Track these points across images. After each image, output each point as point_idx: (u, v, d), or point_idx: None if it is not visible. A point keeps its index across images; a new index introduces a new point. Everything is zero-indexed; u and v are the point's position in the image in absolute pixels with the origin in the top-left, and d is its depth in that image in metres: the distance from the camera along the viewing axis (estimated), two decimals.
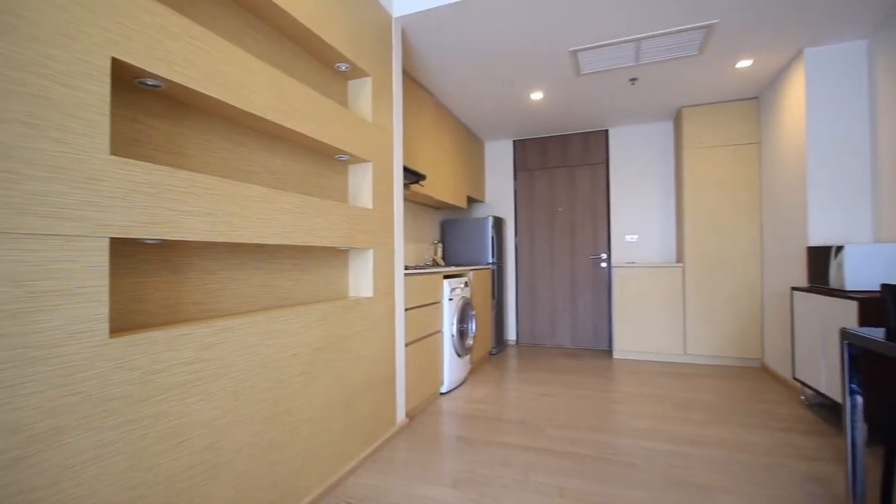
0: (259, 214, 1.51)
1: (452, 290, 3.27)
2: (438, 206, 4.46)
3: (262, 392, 1.53)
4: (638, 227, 4.60)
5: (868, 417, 2.22)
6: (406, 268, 2.96)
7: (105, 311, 1.05)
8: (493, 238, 4.47)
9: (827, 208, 2.88)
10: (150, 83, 1.25)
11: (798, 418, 2.62)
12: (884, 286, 1.65)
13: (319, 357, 1.83)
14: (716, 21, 2.58)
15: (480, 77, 3.36)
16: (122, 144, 1.27)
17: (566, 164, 4.89)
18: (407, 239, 3.92)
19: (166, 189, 1.20)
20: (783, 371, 3.33)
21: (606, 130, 4.74)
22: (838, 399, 2.38)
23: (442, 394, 3.17)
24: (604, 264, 4.74)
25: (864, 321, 2.18)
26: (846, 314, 2.28)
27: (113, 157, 1.08)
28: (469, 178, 4.64)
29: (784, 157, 3.29)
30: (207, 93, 1.33)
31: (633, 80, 3.42)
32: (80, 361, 1.01)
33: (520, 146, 5.10)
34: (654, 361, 4.11)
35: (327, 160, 2.14)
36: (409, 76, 3.28)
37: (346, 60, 2.11)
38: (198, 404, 1.29)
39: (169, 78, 1.22)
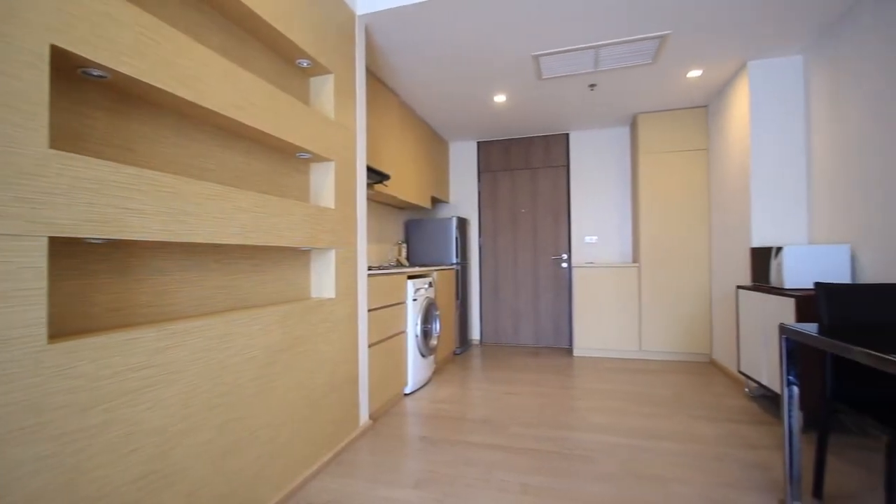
0: (215, 213, 1.46)
1: (416, 290, 3.26)
2: (403, 207, 4.45)
3: (218, 397, 1.48)
4: (597, 228, 4.75)
5: (803, 406, 2.38)
6: (369, 268, 2.94)
7: (44, 315, 0.99)
8: (457, 238, 4.50)
9: (768, 212, 3.07)
10: (95, 73, 1.18)
11: (743, 409, 2.79)
12: (817, 284, 1.78)
13: (279, 360, 1.78)
14: (668, 32, 2.70)
15: (445, 78, 3.37)
16: (66, 138, 1.19)
17: (529, 167, 4.99)
18: (370, 239, 3.88)
19: (112, 185, 1.14)
20: (729, 365, 3.53)
21: (567, 134, 4.87)
22: (778, 390, 2.54)
23: (406, 394, 3.16)
24: (564, 264, 4.87)
25: (800, 317, 2.35)
26: (785, 311, 2.45)
27: (52, 151, 1.02)
28: (433, 178, 4.64)
29: (730, 163, 3.48)
30: (158, 85, 1.27)
31: (592, 86, 3.53)
32: (16, 369, 0.94)
33: (484, 147, 5.16)
34: (612, 358, 4.25)
35: (288, 158, 2.09)
36: (373, 75, 3.25)
37: (307, 57, 2.07)
38: (149, 412, 1.23)
39: (115, 68, 1.16)
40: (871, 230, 2.34)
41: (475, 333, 5.13)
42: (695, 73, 3.32)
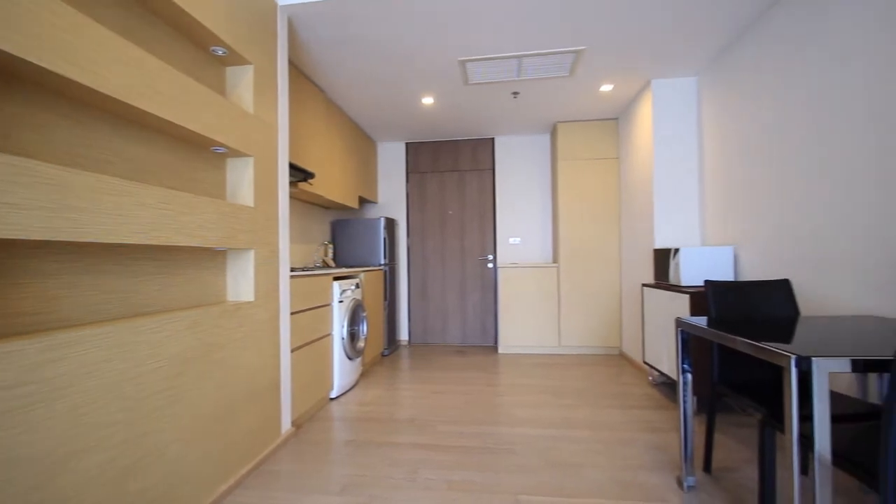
0: (112, 210, 1.32)
1: (343, 291, 3.19)
2: (329, 206, 4.33)
3: (118, 412, 1.34)
4: (521, 230, 4.96)
5: (696, 391, 2.67)
6: (293, 269, 2.82)
7: None
8: (385, 239, 4.47)
9: (668, 217, 3.40)
10: None
11: (647, 396, 3.05)
12: (706, 282, 2.00)
13: (191, 369, 1.66)
14: (583, 48, 2.89)
15: (373, 77, 3.34)
16: None
17: (457, 169, 5.08)
18: (294, 239, 3.73)
19: None
20: (636, 356, 3.85)
21: (493, 139, 5.03)
22: (675, 378, 2.82)
23: (332, 399, 3.08)
24: (490, 265, 5.02)
25: (694, 311, 2.62)
26: (681, 306, 2.72)
27: None
28: (361, 178, 4.57)
29: (636, 171, 3.81)
30: (40, 63, 1.13)
31: (516, 93, 3.69)
32: None
33: (412, 149, 5.17)
34: (534, 354, 4.46)
35: (202, 152, 1.95)
36: (297, 70, 3.13)
37: (222, 44, 1.94)
38: (25, 436, 1.09)
39: None
40: (750, 234, 2.68)
41: (403, 334, 5.13)
42: (607, 88, 3.58)
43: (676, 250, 2.93)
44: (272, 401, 2.23)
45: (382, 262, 4.44)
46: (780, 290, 2.03)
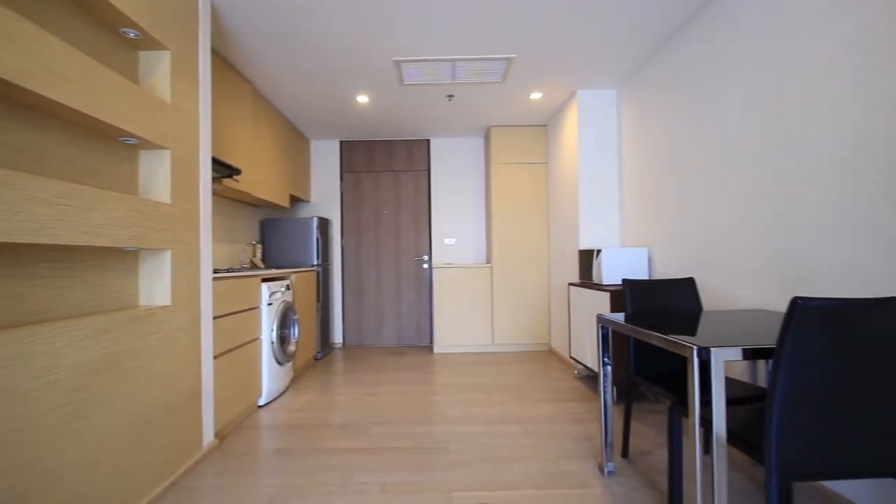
0: None
1: (272, 293, 3.06)
2: (258, 204, 4.12)
3: (5, 434, 1.19)
4: (455, 230, 5.04)
5: (615, 382, 2.86)
6: (216, 271, 2.66)
7: None
8: (318, 239, 4.34)
9: (592, 219, 3.62)
10: None
11: (573, 389, 3.23)
12: (624, 281, 2.16)
13: (95, 381, 1.51)
14: (514, 56, 3.00)
15: (305, 73, 3.23)
16: None
17: (392, 169, 5.05)
18: (219, 239, 3.51)
19: None
20: (563, 352, 4.06)
21: (428, 140, 5.06)
22: (598, 370, 3.01)
23: (260, 406, 2.93)
24: (425, 265, 5.05)
25: (614, 308, 2.81)
26: (603, 303, 2.91)
27: None
28: (293, 175, 4.40)
29: (563, 176, 4.01)
30: None
31: (450, 96, 3.74)
32: None
33: (347, 147, 5.06)
34: (468, 353, 4.54)
35: (109, 143, 1.78)
36: (223, 60, 2.95)
37: (134, 26, 1.79)
38: None
39: None
40: (661, 236, 2.93)
41: (338, 336, 5.01)
42: (536, 95, 3.74)
43: (599, 251, 3.12)
44: (192, 411, 2.09)
45: (315, 262, 4.31)
46: (686, 288, 2.24)
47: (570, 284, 3.52)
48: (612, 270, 3.05)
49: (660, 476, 1.96)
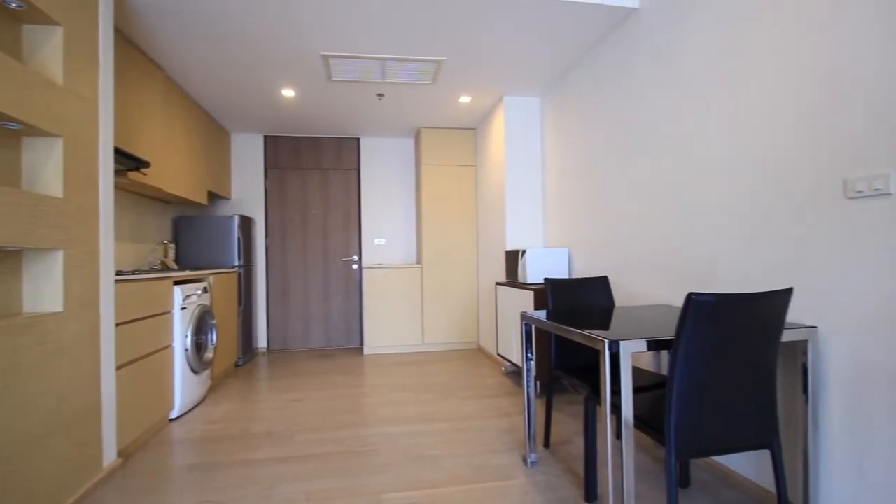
0: None
1: (186, 297, 2.84)
2: (170, 201, 3.81)
3: None
4: (386, 231, 5.00)
5: (539, 376, 3.01)
6: (120, 273, 2.42)
7: None
8: (239, 239, 4.10)
9: (517, 221, 3.77)
10: None
11: (500, 385, 3.34)
12: (546, 280, 2.27)
13: None
14: (443, 59, 3.04)
15: (224, 61, 3.04)
16: None
17: (320, 167, 4.91)
18: (124, 238, 3.19)
19: None
20: (491, 349, 4.18)
21: (358, 139, 4.98)
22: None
23: (173, 419, 2.72)
24: (355, 266, 4.96)
25: (538, 305, 2.95)
26: (527, 301, 3.04)
27: None
28: (210, 170, 4.12)
29: (491, 179, 4.14)
30: None
31: (381, 95, 3.71)
32: None
33: (272, 143, 4.84)
34: (399, 353, 4.53)
35: None
36: (130, 42, 2.69)
37: None
38: None
39: None
40: (580, 237, 3.12)
41: (261, 341, 4.77)
42: (465, 99, 3.83)
43: (524, 252, 3.26)
44: (90, 429, 1.89)
45: (236, 263, 4.07)
46: (601, 286, 2.40)
47: (498, 284, 3.64)
48: (536, 270, 3.20)
49: (578, 462, 2.09)
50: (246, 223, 4.34)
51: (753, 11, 1.75)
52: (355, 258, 4.96)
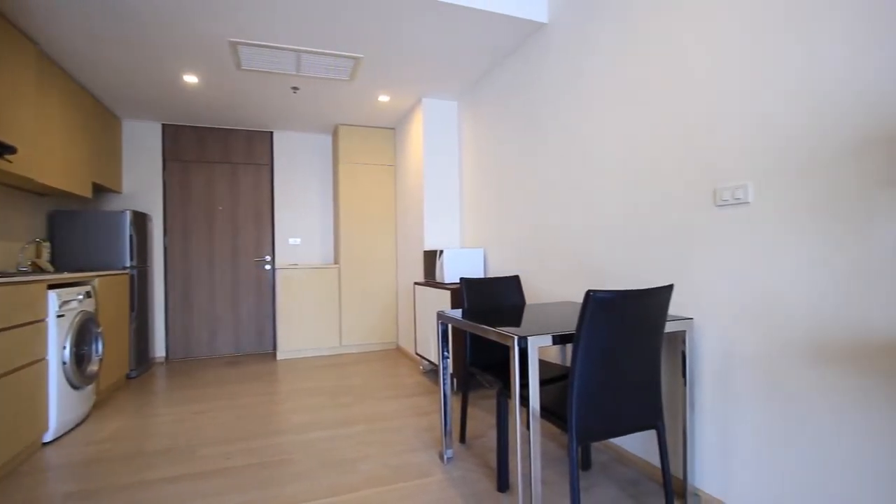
0: None
1: (64, 303, 2.51)
2: (44, 193, 3.33)
3: None
4: (301, 230, 4.81)
5: (455, 374, 3.08)
6: None
7: None
8: (132, 237, 3.70)
9: (435, 221, 3.82)
10: None
11: (418, 384, 3.37)
12: (461, 279, 2.34)
13: None
14: (361, 56, 3.00)
15: (113, 39, 2.72)
16: None
17: (228, 161, 4.59)
18: None
19: None
20: (410, 349, 4.20)
21: (272, 132, 4.73)
22: None
23: (48, 443, 2.38)
24: (268, 266, 4.71)
25: (454, 304, 3.02)
26: (444, 300, 3.10)
27: None
28: (96, 160, 3.67)
29: (409, 179, 4.16)
30: None
31: (296, 88, 3.56)
32: None
33: (172, 132, 4.42)
34: (315, 356, 4.39)
35: None
36: None
37: None
38: None
39: None
40: (494, 237, 3.25)
41: (159, 350, 4.35)
42: (384, 98, 3.80)
43: (441, 252, 3.32)
44: None
45: (128, 264, 3.67)
46: (513, 284, 2.53)
47: (416, 284, 3.67)
48: (453, 270, 3.27)
49: (493, 455, 2.18)
50: (140, 220, 3.93)
51: (643, 39, 1.94)
52: (268, 258, 4.71)
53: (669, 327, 1.67)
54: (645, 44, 1.94)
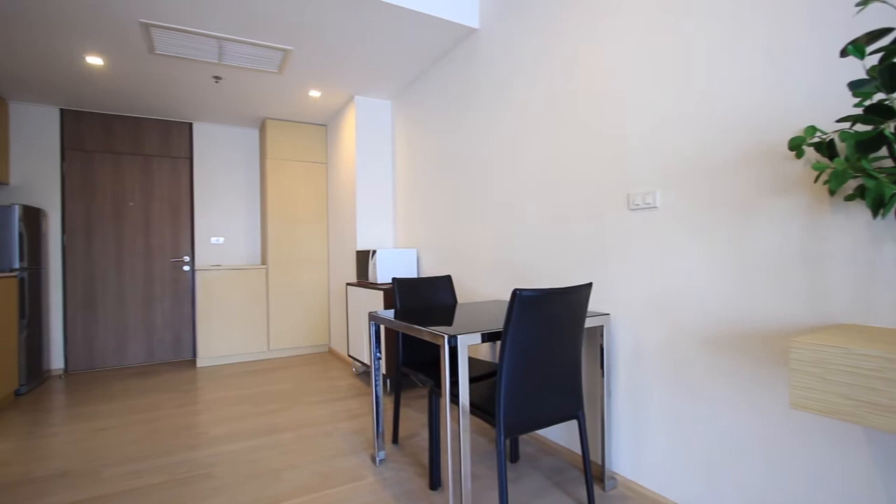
0: None
1: None
2: None
3: None
4: (225, 228, 4.53)
5: (388, 374, 3.06)
6: None
7: None
8: (21, 235, 3.28)
9: (368, 221, 3.77)
10: None
11: (350, 387, 3.30)
12: (394, 279, 2.33)
13: None
14: (291, 48, 2.89)
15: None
16: None
17: (141, 152, 4.21)
18: None
19: None
20: (342, 351, 4.11)
21: (191, 124, 4.41)
22: None
23: None
24: (187, 267, 4.38)
25: (387, 305, 3.00)
26: (377, 301, 3.07)
27: None
28: None
29: (342, 178, 4.07)
30: None
31: (218, 78, 3.35)
32: None
33: (72, 118, 3.98)
34: (240, 362, 4.15)
35: None
36: None
37: None
38: None
39: None
40: (427, 237, 3.27)
41: (56, 361, 3.89)
42: (315, 94, 3.69)
43: (374, 251, 3.28)
44: None
45: (17, 266, 3.25)
46: (445, 284, 2.55)
47: (348, 284, 3.59)
48: (385, 270, 3.25)
49: (425, 454, 2.18)
50: (32, 215, 3.50)
51: (564, 55, 2.05)
52: (187, 259, 4.38)
53: (589, 322, 1.78)
54: (566, 59, 2.04)
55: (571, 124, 2.03)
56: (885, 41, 0.96)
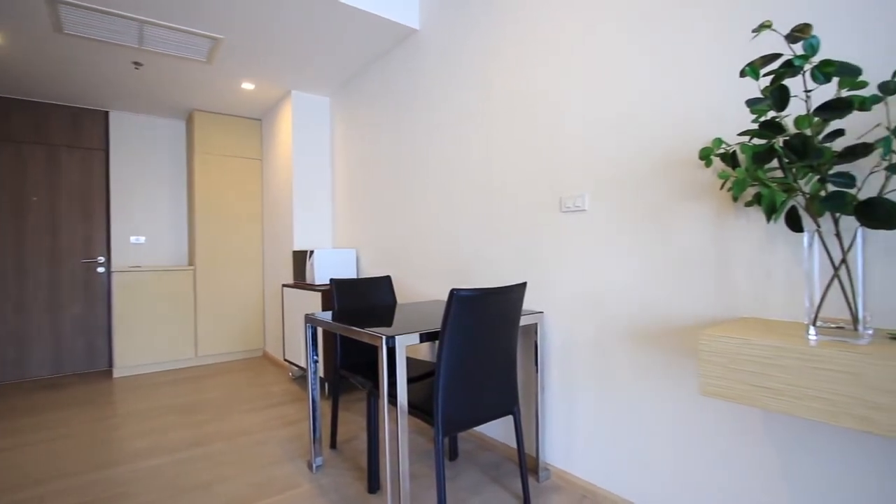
0: None
1: None
2: None
3: None
4: (146, 227, 4.20)
5: (325, 377, 2.98)
6: None
7: None
8: None
9: (305, 220, 3.66)
10: None
11: (286, 392, 3.18)
12: (332, 280, 2.28)
13: None
14: (222, 37, 2.73)
15: None
16: None
17: (45, 142, 3.80)
18: None
19: None
20: (278, 355, 3.96)
21: (107, 112, 4.04)
22: None
23: None
24: (101, 269, 4.01)
25: (325, 306, 2.92)
26: (315, 302, 2.98)
27: None
28: None
29: (278, 175, 3.91)
30: None
31: (138, 64, 3.10)
32: None
33: None
34: (165, 371, 3.87)
35: None
36: None
37: None
38: None
39: None
40: (367, 237, 3.23)
41: None
42: (248, 86, 3.52)
43: (312, 252, 3.19)
44: None
45: None
46: (385, 284, 2.54)
47: (284, 286, 3.46)
48: (324, 270, 3.17)
49: (364, 457, 2.15)
50: None
51: (500, 64, 2.11)
52: (101, 259, 4.01)
53: (524, 321, 1.84)
54: (503, 63, 2.10)
55: (508, 128, 2.09)
56: (775, 65, 1.08)
